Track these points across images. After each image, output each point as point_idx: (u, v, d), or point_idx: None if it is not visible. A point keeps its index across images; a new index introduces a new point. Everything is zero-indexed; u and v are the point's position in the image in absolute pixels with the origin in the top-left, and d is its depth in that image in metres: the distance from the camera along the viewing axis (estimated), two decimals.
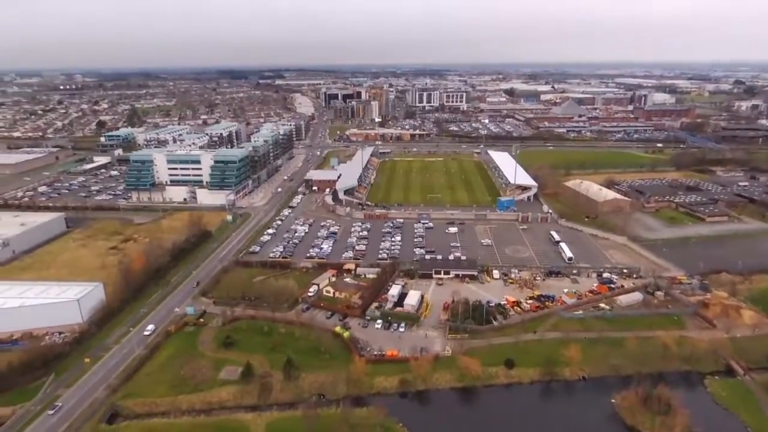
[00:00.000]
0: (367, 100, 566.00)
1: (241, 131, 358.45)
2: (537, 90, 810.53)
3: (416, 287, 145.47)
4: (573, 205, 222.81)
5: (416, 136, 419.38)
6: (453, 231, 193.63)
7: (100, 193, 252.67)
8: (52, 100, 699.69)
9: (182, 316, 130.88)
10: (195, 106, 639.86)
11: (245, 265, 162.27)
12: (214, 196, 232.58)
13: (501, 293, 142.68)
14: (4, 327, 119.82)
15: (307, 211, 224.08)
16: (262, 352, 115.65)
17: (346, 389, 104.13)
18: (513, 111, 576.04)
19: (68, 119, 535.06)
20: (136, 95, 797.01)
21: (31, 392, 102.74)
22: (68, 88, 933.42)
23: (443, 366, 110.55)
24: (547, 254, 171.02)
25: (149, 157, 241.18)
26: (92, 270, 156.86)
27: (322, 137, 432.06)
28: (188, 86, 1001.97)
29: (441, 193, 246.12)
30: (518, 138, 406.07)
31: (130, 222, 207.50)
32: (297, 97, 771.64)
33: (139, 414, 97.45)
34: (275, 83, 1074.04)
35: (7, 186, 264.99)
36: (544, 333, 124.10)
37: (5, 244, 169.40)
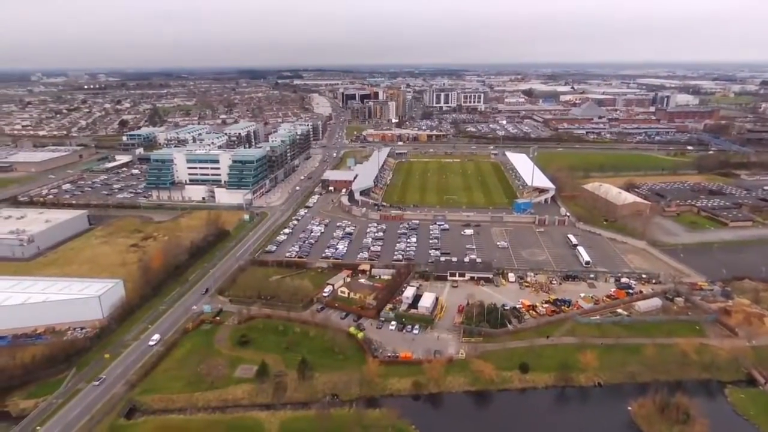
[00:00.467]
0: (385, 101, 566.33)
1: (259, 131, 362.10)
2: (556, 91, 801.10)
3: (431, 289, 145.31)
4: (591, 208, 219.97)
5: (433, 136, 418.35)
6: (469, 233, 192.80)
7: (121, 191, 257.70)
8: (76, 100, 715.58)
9: (199, 314, 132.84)
10: (214, 106, 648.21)
11: (261, 264, 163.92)
12: (231, 195, 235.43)
13: (516, 297, 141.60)
14: (28, 321, 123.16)
15: (323, 211, 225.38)
16: (276, 351, 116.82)
17: (359, 390, 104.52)
18: (531, 112, 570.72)
19: (92, 118, 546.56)
20: (157, 95, 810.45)
21: (54, 385, 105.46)
22: (92, 88, 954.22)
23: (457, 369, 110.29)
24: (564, 258, 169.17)
25: (169, 157, 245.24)
26: (113, 267, 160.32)
27: (339, 137, 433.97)
28: (208, 86, 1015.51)
29: (457, 195, 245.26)
30: (536, 139, 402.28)
31: (150, 220, 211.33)
32: (315, 97, 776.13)
33: (156, 409, 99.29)
34: (293, 83, 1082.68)
35: (33, 183, 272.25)
36: (560, 338, 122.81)
37: (30, 240, 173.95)
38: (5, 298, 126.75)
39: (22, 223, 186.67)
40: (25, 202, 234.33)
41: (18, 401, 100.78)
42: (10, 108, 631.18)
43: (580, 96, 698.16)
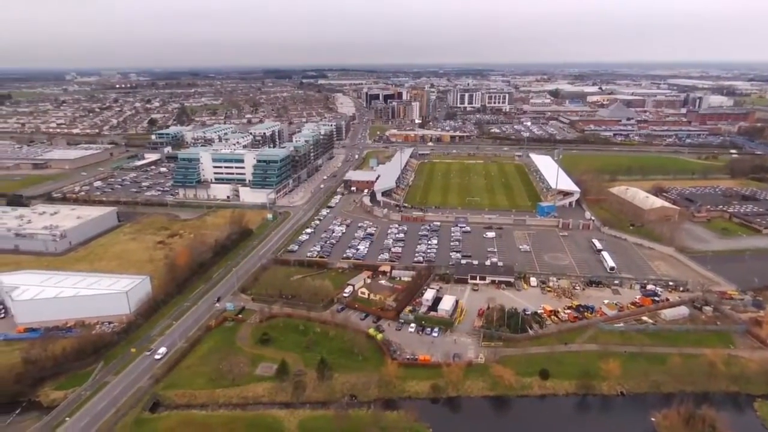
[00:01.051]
0: (408, 101, 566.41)
1: (284, 131, 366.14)
2: (583, 91, 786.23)
3: (451, 292, 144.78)
4: (617, 212, 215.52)
5: (456, 137, 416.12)
6: (490, 236, 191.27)
7: (149, 189, 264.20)
8: (108, 99, 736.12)
9: (222, 312, 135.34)
10: (240, 105, 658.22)
11: (283, 264, 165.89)
12: (255, 194, 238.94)
13: (538, 302, 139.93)
14: (60, 315, 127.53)
15: (345, 211, 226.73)
16: (296, 350, 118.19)
17: (378, 392, 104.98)
18: (557, 113, 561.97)
19: (122, 117, 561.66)
20: (185, 94, 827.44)
21: (82, 377, 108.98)
22: (123, 87, 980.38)
23: (476, 373, 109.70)
24: (587, 263, 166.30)
25: (196, 156, 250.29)
26: (140, 263, 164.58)
27: (362, 137, 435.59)
28: (234, 85, 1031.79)
29: (479, 197, 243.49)
30: (562, 141, 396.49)
31: (176, 218, 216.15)
32: (339, 97, 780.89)
33: (179, 404, 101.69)
34: (318, 83, 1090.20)
35: (66, 180, 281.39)
36: (582, 345, 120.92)
37: (63, 235, 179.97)
38: (38, 291, 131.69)
39: (55, 219, 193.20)
40: (59, 199, 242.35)
41: (49, 392, 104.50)
42: (46, 107, 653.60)
43: (607, 97, 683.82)
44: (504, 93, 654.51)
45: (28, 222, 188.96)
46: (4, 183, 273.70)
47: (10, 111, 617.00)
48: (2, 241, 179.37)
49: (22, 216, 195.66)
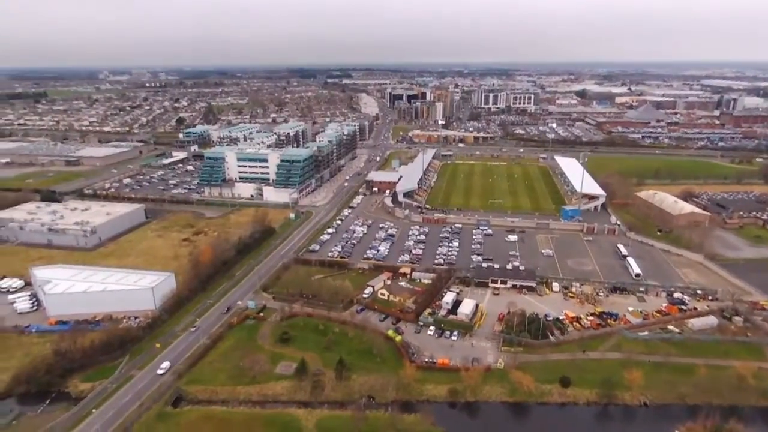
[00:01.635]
0: (432, 101, 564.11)
1: (307, 131, 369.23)
2: (611, 92, 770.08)
3: (471, 295, 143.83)
4: (644, 217, 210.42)
5: (480, 138, 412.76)
6: (513, 239, 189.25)
7: (176, 186, 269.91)
8: (138, 97, 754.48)
9: (244, 310, 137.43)
10: (265, 105, 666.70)
11: (305, 263, 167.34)
12: (279, 193, 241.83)
13: (560, 307, 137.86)
14: (89, 309, 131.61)
15: (366, 212, 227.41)
16: (316, 350, 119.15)
17: (396, 394, 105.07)
18: (584, 114, 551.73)
19: (152, 115, 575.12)
20: (212, 93, 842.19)
21: (109, 370, 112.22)
22: (153, 86, 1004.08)
23: (494, 379, 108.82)
24: (612, 269, 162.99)
25: (221, 155, 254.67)
26: (166, 259, 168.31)
27: (385, 138, 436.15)
28: (260, 85, 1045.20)
29: (502, 199, 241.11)
30: (588, 143, 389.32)
31: (201, 215, 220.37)
32: (362, 97, 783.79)
33: (200, 400, 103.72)
34: (342, 82, 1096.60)
35: (97, 177, 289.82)
36: (605, 353, 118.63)
37: (93, 231, 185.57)
38: (69, 285, 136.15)
39: (86, 215, 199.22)
40: (90, 195, 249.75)
41: (77, 383, 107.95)
42: (80, 105, 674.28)
43: (637, 98, 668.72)
44: (529, 94, 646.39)
45: (60, 217, 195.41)
46: (39, 179, 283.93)
47: (46, 109, 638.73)
48: (37, 235, 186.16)
49: (55, 211, 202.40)
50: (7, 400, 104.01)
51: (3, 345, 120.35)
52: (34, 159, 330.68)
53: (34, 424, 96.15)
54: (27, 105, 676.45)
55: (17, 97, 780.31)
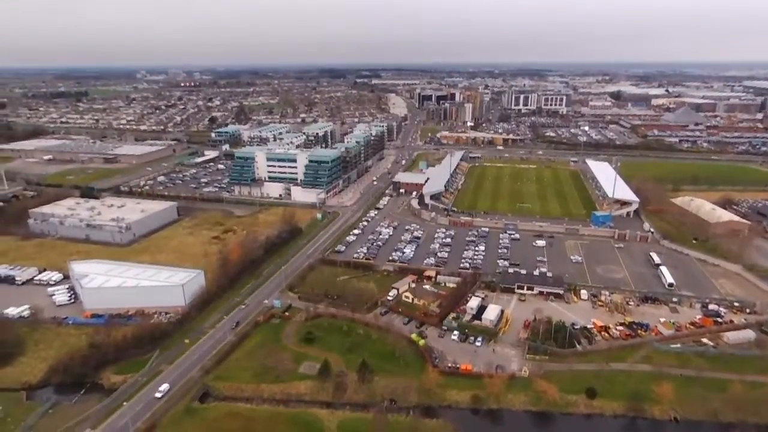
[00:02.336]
0: (461, 102, 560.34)
1: (336, 131, 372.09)
2: (648, 94, 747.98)
3: (497, 301, 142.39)
4: (679, 225, 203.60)
5: (509, 140, 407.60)
6: (540, 244, 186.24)
7: (207, 185, 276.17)
8: (173, 97, 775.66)
9: (270, 308, 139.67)
10: (295, 105, 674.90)
11: (330, 264, 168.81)
12: (306, 193, 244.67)
13: (588, 316, 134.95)
14: (122, 303, 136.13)
15: (392, 213, 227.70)
16: (339, 351, 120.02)
17: (418, 398, 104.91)
18: (618, 117, 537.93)
19: (186, 115, 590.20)
20: (244, 93, 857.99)
21: (140, 364, 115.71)
22: (187, 86, 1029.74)
23: (518, 387, 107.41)
24: (644, 277, 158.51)
25: (251, 155, 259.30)
26: (196, 257, 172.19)
27: (413, 139, 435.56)
28: (291, 85, 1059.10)
29: (531, 203, 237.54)
30: (622, 147, 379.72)
31: (231, 214, 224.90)
32: (391, 98, 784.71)
33: (226, 396, 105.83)
34: (371, 82, 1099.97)
35: (133, 174, 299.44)
36: (634, 364, 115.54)
37: (128, 228, 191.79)
38: (105, 280, 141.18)
39: (122, 211, 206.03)
40: (126, 192, 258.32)
41: (110, 375, 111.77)
42: (118, 104, 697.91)
43: (674, 100, 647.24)
44: (561, 95, 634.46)
45: (98, 213, 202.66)
46: (79, 175, 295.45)
47: (87, 107, 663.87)
48: (75, 230, 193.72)
49: (93, 208, 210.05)
50: (45, 389, 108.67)
51: (42, 336, 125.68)
52: (75, 156, 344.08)
53: (69, 414, 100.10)
54: (69, 104, 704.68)
55: (60, 96, 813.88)
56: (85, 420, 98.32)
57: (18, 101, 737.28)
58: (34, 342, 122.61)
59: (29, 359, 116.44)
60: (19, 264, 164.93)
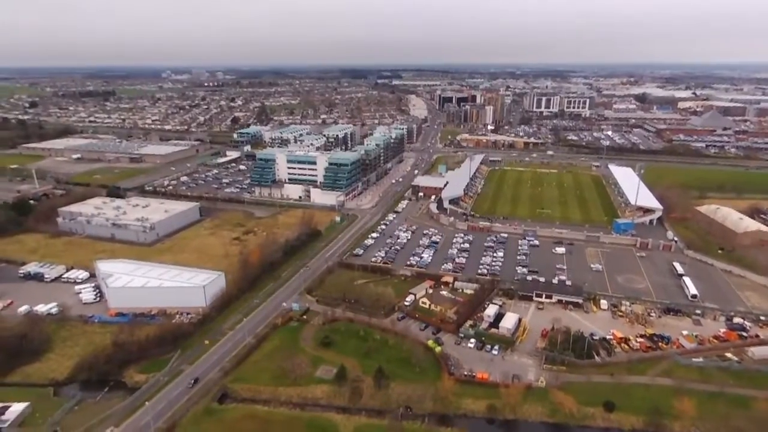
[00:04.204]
0: (482, 105, 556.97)
1: (356, 133, 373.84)
2: (674, 96, 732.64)
3: (514, 309, 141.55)
4: (704, 234, 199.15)
5: (530, 144, 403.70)
6: (560, 251, 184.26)
7: (229, 185, 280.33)
8: (197, 97, 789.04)
9: (288, 311, 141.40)
10: (316, 105, 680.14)
11: (348, 267, 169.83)
12: (325, 195, 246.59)
13: (607, 326, 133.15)
14: (145, 303, 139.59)
15: (411, 217, 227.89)
16: (356, 355, 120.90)
17: (433, 405, 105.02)
18: (642, 120, 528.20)
19: (209, 115, 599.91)
20: (266, 93, 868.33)
21: (162, 364, 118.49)
22: (211, 86, 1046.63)
23: (535, 397, 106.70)
24: (666, 288, 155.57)
25: (272, 156, 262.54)
26: (217, 257, 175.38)
27: (432, 141, 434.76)
28: (312, 85, 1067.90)
29: (551, 209, 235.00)
30: (646, 151, 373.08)
31: (251, 215, 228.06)
32: (411, 99, 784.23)
33: (245, 398, 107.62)
34: (392, 83, 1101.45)
35: (157, 174, 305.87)
36: (654, 378, 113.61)
37: (152, 227, 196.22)
38: (129, 280, 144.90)
39: (146, 211, 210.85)
40: (150, 192, 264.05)
41: (133, 374, 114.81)
42: (144, 103, 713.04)
43: (702, 103, 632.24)
44: (584, 97, 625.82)
45: (123, 213, 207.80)
46: (105, 175, 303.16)
47: (114, 107, 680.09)
48: (101, 229, 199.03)
49: (119, 207, 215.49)
50: (71, 386, 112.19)
51: (69, 333, 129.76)
52: (102, 155, 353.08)
53: (93, 411, 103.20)
54: (97, 103, 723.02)
55: (89, 95, 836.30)
56: (109, 418, 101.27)
57: (49, 100, 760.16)
58: (62, 339, 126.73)
59: (57, 356, 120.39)
60: (48, 261, 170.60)
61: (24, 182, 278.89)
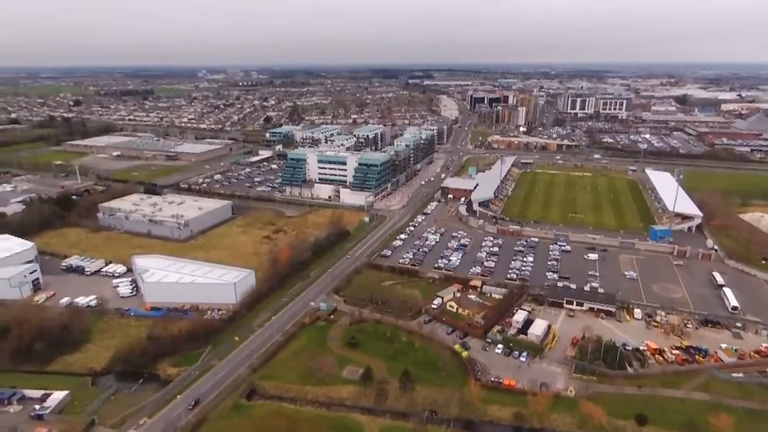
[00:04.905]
0: (514, 106, 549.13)
1: (386, 134, 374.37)
2: (717, 98, 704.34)
3: (544, 315, 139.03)
4: (747, 243, 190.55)
5: (563, 146, 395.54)
6: (593, 258, 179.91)
7: (260, 184, 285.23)
8: (231, 96, 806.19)
9: (316, 311, 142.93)
10: (347, 105, 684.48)
11: (376, 268, 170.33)
12: (355, 196, 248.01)
13: (641, 337, 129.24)
14: (179, 298, 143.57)
15: (440, 219, 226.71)
16: (382, 357, 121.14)
17: (458, 411, 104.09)
18: (683, 123, 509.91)
19: (242, 114, 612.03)
20: (298, 93, 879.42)
21: (193, 358, 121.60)
22: (245, 85, 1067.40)
23: (563, 407, 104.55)
24: (704, 299, 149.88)
25: (303, 156, 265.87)
26: (248, 255, 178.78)
27: (463, 142, 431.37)
28: (344, 85, 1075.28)
29: (584, 214, 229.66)
30: (685, 156, 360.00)
31: (282, 214, 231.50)
32: (443, 99, 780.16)
33: (272, 395, 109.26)
34: (423, 83, 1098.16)
35: (192, 172, 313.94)
36: (689, 392, 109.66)
37: (186, 224, 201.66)
38: (164, 275, 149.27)
39: (181, 208, 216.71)
40: (185, 189, 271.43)
41: (166, 367, 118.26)
42: (180, 102, 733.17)
43: (747, 105, 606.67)
44: (621, 99, 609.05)
45: (159, 210, 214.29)
46: (143, 172, 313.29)
47: (152, 105, 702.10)
48: (139, 225, 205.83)
49: (155, 204, 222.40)
50: (108, 376, 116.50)
51: (107, 325, 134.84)
52: (140, 153, 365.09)
53: (128, 402, 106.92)
54: (136, 102, 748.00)
55: (129, 93, 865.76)
56: (143, 409, 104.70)
57: (91, 99, 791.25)
58: (100, 331, 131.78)
59: (95, 347, 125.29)
60: (88, 255, 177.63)
61: (67, 178, 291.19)
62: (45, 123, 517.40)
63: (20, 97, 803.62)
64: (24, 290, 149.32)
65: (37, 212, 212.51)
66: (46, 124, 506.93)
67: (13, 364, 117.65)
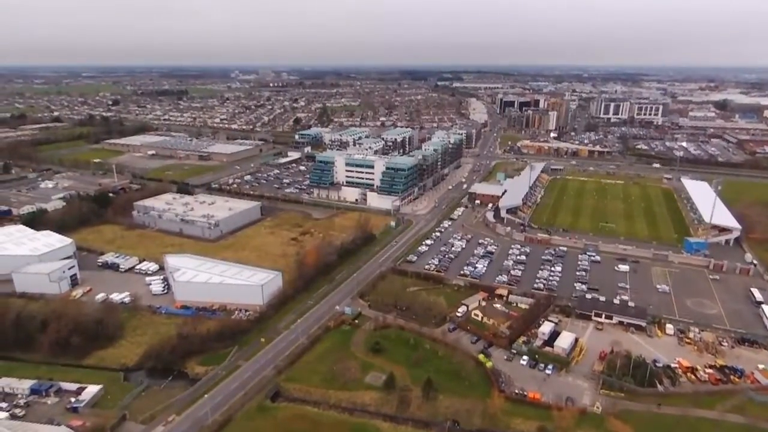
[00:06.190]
0: (545, 110, 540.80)
1: (414, 137, 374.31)
2: (759, 104, 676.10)
3: (571, 328, 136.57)
4: None
5: (596, 152, 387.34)
6: (623, 269, 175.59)
7: (289, 186, 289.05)
8: (262, 97, 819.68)
9: (341, 314, 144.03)
10: (376, 107, 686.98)
11: (401, 274, 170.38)
12: (381, 199, 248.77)
13: (672, 353, 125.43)
14: (208, 297, 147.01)
15: (466, 225, 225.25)
16: (405, 364, 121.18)
17: (481, 422, 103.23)
18: (722, 130, 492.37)
19: (273, 115, 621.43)
20: (328, 94, 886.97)
21: (220, 358, 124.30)
22: (276, 86, 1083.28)
23: (589, 423, 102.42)
24: (741, 316, 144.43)
25: (332, 159, 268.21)
26: (275, 257, 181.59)
27: (492, 147, 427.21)
28: (372, 87, 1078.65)
29: (615, 223, 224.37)
30: (725, 164, 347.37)
31: (309, 216, 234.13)
32: (472, 102, 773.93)
33: (296, 398, 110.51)
34: (452, 85, 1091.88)
35: (223, 172, 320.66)
36: (723, 413, 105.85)
37: (216, 224, 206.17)
38: (194, 275, 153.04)
39: (212, 208, 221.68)
40: (216, 189, 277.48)
41: (194, 366, 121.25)
42: (213, 103, 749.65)
43: None
44: (657, 104, 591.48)
45: (191, 209, 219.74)
46: (176, 171, 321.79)
47: (186, 105, 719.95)
48: (171, 224, 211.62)
49: (187, 203, 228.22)
50: (139, 372, 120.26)
51: (139, 322, 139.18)
52: (174, 152, 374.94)
53: (158, 398, 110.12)
54: (171, 101, 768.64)
55: (164, 93, 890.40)
56: (171, 405, 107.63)
57: (129, 98, 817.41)
58: (132, 327, 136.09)
59: (128, 343, 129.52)
60: (123, 252, 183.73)
61: (105, 176, 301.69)
62: (85, 121, 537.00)
63: (62, 96, 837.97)
64: (63, 285, 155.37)
65: (76, 209, 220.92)
66: (86, 123, 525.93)
67: (51, 357, 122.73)
